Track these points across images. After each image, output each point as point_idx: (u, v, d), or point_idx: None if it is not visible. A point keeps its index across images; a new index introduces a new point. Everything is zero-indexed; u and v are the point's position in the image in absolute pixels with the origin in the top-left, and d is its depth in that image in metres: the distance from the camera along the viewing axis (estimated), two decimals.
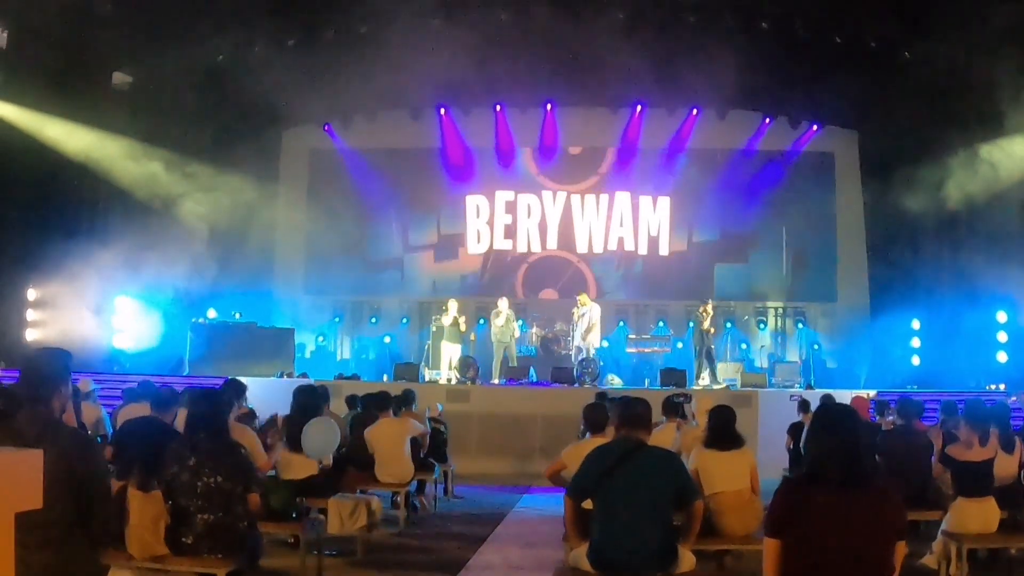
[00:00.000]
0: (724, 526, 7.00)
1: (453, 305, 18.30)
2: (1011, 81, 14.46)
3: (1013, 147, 16.20)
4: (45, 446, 3.72)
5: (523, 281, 21.85)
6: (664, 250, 21.58)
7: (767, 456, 10.05)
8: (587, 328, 17.83)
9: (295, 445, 8.25)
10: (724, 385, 17.22)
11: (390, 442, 9.93)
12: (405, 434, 10.01)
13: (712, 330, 18.23)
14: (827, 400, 10.63)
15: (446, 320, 18.10)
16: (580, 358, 17.51)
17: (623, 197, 21.70)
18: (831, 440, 3.92)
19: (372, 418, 10.36)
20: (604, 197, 21.77)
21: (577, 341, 17.97)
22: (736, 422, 7.41)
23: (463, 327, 18.27)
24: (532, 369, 17.87)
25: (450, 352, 17.94)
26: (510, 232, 21.88)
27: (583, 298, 18.15)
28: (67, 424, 4.48)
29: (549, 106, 21.08)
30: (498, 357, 18.25)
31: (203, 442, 5.66)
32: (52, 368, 4.39)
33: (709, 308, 18.13)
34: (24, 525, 2.53)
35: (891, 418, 9.98)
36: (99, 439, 8.63)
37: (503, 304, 18.47)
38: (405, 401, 10.82)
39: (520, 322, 19.19)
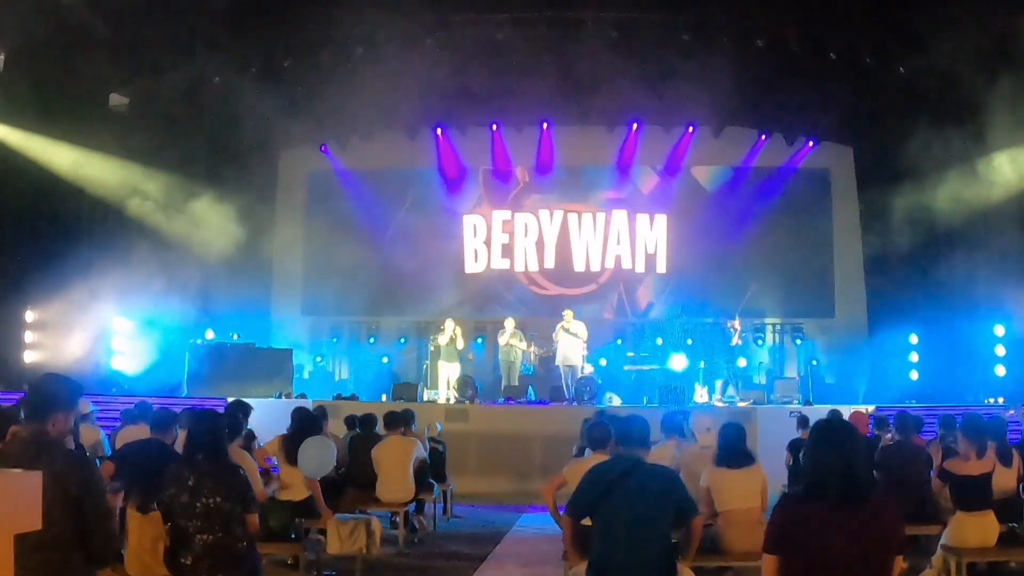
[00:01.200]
0: (732, 544, 6.98)
1: (450, 324, 18.29)
2: (1006, 96, 14.51)
3: (1008, 161, 16.25)
4: (39, 467, 3.73)
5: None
6: (662, 268, 21.59)
7: (766, 472, 10.03)
8: (571, 345, 17.72)
9: (295, 462, 8.26)
10: (724, 403, 17.20)
11: (396, 460, 9.93)
12: (411, 453, 10.01)
13: (740, 343, 18.22)
14: (832, 416, 10.69)
15: (443, 339, 18.08)
16: (579, 377, 17.43)
17: (620, 215, 21.72)
18: (829, 456, 3.93)
19: (373, 438, 10.37)
20: (601, 215, 21.78)
21: (559, 360, 17.83)
22: (746, 438, 7.39)
23: (460, 346, 18.26)
24: (531, 388, 17.84)
25: (448, 371, 17.92)
26: (507, 251, 21.89)
27: (568, 315, 18.01)
28: (62, 445, 4.47)
29: (545, 125, 21.12)
30: (504, 376, 18.24)
31: (202, 463, 5.65)
32: (51, 392, 4.40)
33: (737, 324, 18.07)
34: (23, 547, 2.53)
35: (889, 434, 9.98)
36: (98, 461, 8.61)
37: (509, 324, 18.47)
38: (404, 421, 10.82)
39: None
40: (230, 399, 11.22)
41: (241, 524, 5.61)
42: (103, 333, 17.34)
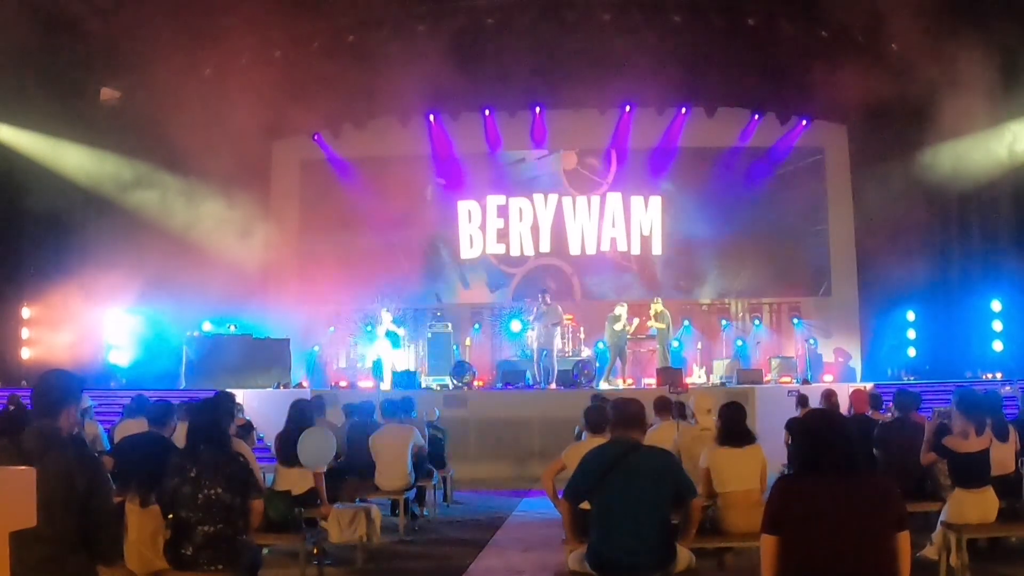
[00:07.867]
0: (731, 524, 6.98)
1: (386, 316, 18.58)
2: (999, 71, 14.48)
3: (1002, 137, 16.24)
4: (48, 463, 3.72)
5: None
6: (657, 249, 21.59)
7: (765, 453, 10.08)
8: (548, 329, 17.70)
9: (287, 460, 8.24)
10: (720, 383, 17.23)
11: (394, 448, 9.91)
12: (408, 441, 10.01)
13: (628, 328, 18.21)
14: (828, 394, 10.71)
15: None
16: (576, 360, 17.40)
17: (615, 198, 21.72)
18: (819, 433, 3.95)
19: (370, 426, 10.35)
20: (595, 198, 21.79)
21: (542, 342, 17.78)
22: (746, 418, 7.37)
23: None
24: (528, 373, 17.82)
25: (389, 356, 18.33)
26: (502, 236, 21.88)
27: (551, 301, 17.98)
28: (70, 441, 4.46)
29: (538, 109, 21.09)
30: (613, 356, 18.24)
31: (204, 454, 5.65)
32: (60, 387, 4.39)
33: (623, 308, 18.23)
34: (23, 542, 2.52)
35: (888, 412, 9.97)
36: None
37: (621, 310, 18.39)
38: (402, 408, 10.81)
39: (524, 324, 19.14)
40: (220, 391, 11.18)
41: (243, 515, 5.61)
42: (100, 328, 17.31)
